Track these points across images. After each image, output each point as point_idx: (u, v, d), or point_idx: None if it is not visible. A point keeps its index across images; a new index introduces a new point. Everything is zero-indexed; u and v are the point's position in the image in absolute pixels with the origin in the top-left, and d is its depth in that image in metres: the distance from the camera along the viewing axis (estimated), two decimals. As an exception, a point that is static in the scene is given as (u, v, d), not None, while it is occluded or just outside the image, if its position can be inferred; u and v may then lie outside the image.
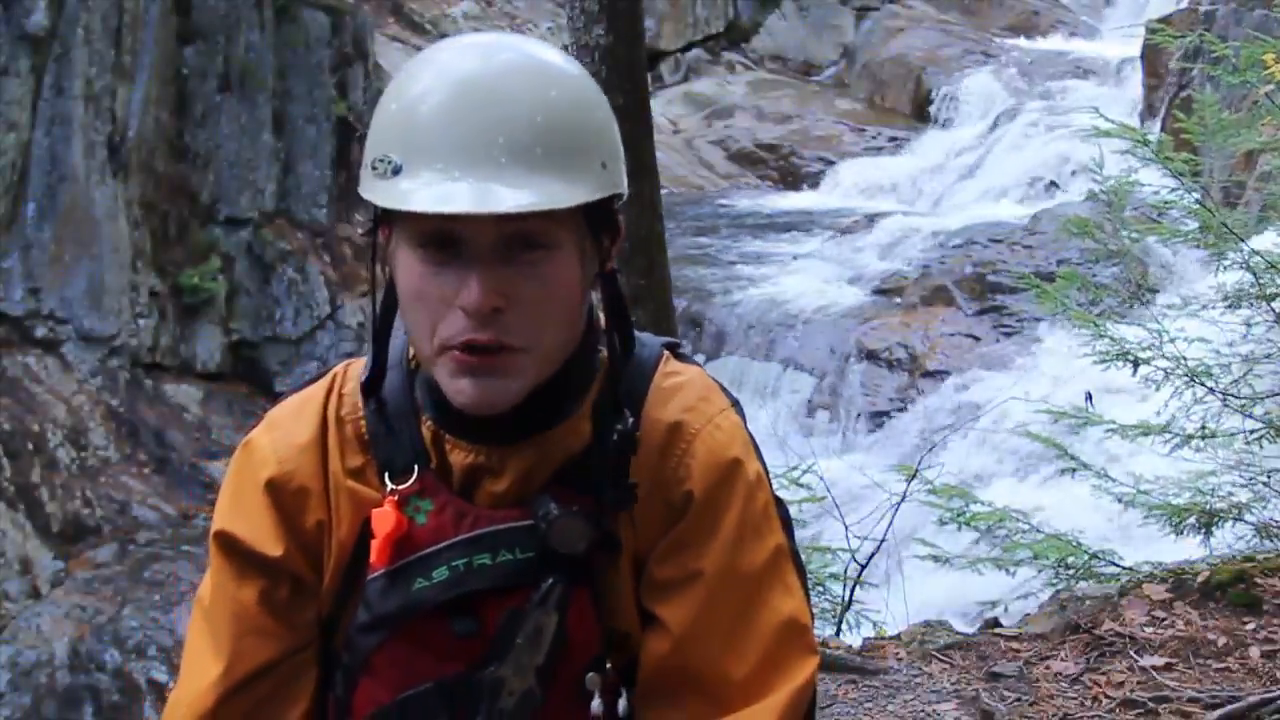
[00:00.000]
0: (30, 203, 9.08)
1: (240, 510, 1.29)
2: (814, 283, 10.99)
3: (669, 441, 1.25)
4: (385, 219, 1.20)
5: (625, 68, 3.85)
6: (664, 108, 15.60)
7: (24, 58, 9.00)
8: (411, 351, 1.28)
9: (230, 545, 1.29)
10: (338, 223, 10.87)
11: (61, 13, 9.16)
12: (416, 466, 1.24)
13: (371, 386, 1.28)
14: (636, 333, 1.33)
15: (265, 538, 1.27)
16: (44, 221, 9.16)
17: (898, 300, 10.50)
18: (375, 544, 1.21)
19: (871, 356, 9.84)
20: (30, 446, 8.65)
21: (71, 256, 9.25)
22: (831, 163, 14.92)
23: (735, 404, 1.32)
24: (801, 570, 1.31)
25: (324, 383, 1.33)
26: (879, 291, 10.72)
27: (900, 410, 9.35)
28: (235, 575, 1.28)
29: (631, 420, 1.23)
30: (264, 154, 10.41)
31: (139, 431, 9.33)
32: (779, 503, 1.32)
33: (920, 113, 15.84)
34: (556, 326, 1.19)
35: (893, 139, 15.30)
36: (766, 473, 1.32)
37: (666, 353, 1.33)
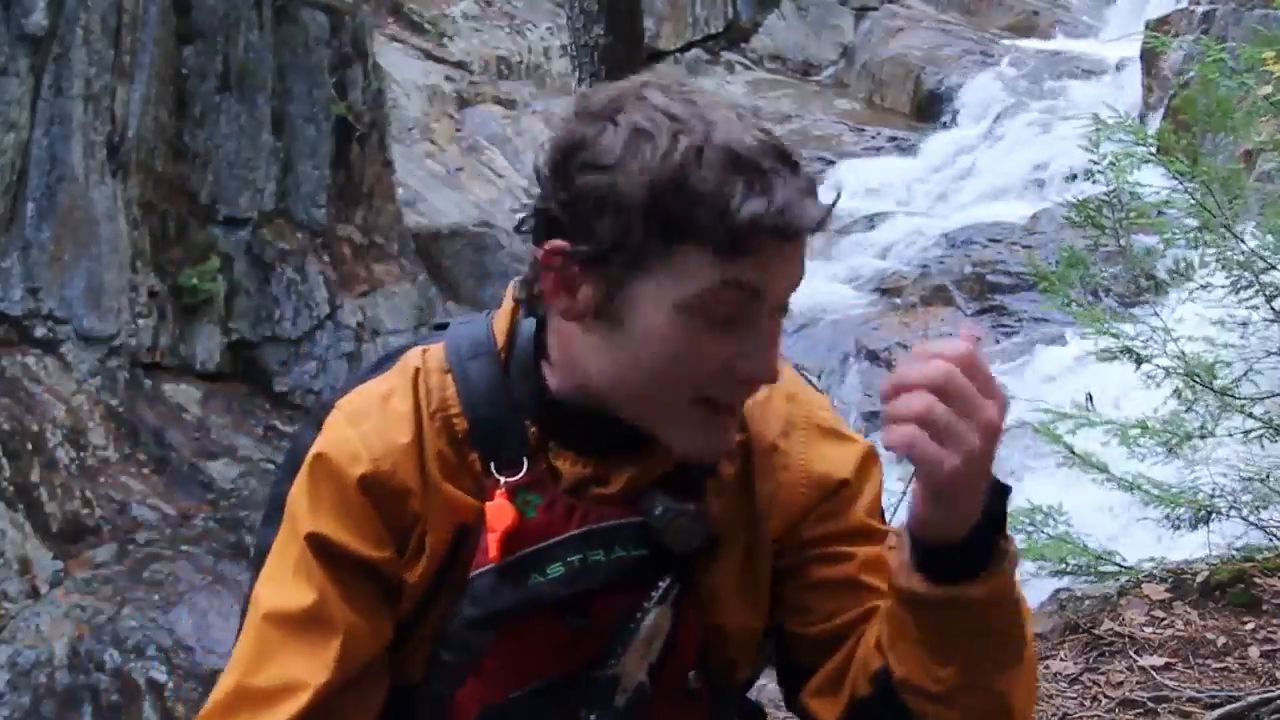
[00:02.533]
0: (29, 202, 9.08)
1: (330, 511, 1.22)
2: (814, 283, 10.98)
3: (789, 427, 1.28)
4: (614, 261, 1.13)
5: (625, 67, 3.86)
6: (664, 108, 15.57)
7: (23, 57, 8.99)
8: (498, 341, 1.24)
9: (325, 548, 1.22)
10: (337, 222, 10.86)
11: (61, 13, 9.15)
12: (525, 459, 1.21)
13: (465, 381, 1.24)
14: None
15: (359, 537, 1.22)
16: (43, 221, 9.15)
17: (897, 300, 10.50)
18: (492, 538, 1.18)
19: (871, 356, 9.84)
20: (29, 446, 8.64)
21: (70, 256, 9.24)
22: (831, 163, 14.92)
23: (813, 384, 1.39)
24: None
25: (406, 375, 1.27)
26: (879, 291, 10.72)
27: (900, 410, 9.34)
28: (334, 578, 1.21)
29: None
30: (263, 154, 10.41)
31: (138, 431, 9.32)
32: None
33: (920, 113, 15.83)
34: None
35: (892, 139, 15.29)
36: None
37: None
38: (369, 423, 1.25)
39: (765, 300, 1.15)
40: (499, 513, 1.19)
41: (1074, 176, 11.93)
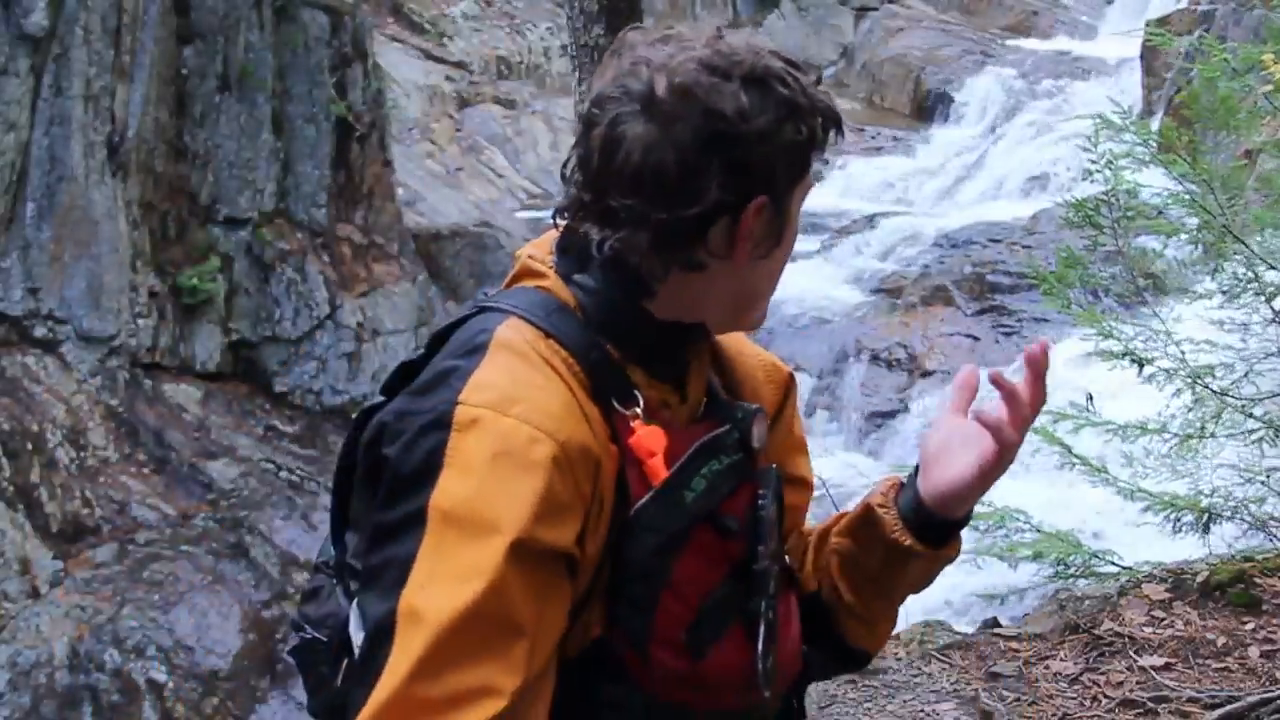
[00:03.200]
0: (29, 203, 9.08)
1: (523, 507, 1.17)
2: (814, 283, 11.00)
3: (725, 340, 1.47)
4: (775, 191, 1.33)
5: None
6: (663, 108, 15.58)
7: (23, 58, 9.00)
8: (572, 305, 1.32)
9: (525, 550, 1.17)
10: (337, 222, 10.87)
11: (60, 13, 9.15)
12: (636, 393, 1.29)
13: (565, 338, 1.29)
14: None
15: (557, 527, 1.19)
16: (43, 221, 9.16)
17: (897, 300, 10.51)
18: (655, 462, 1.25)
19: (871, 356, 9.84)
20: (29, 446, 8.65)
21: (70, 256, 9.24)
22: (831, 162, 14.93)
23: None
24: None
25: (509, 352, 1.25)
26: (879, 291, 10.73)
27: (900, 410, 9.36)
28: (526, 580, 1.17)
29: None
30: (263, 154, 10.42)
31: (138, 431, 9.33)
32: None
33: (920, 113, 15.85)
34: None
35: (892, 139, 15.30)
36: None
37: None
38: (523, 404, 1.21)
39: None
40: (652, 437, 1.26)
41: (1074, 177, 11.94)
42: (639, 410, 1.27)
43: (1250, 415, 3.96)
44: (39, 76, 9.10)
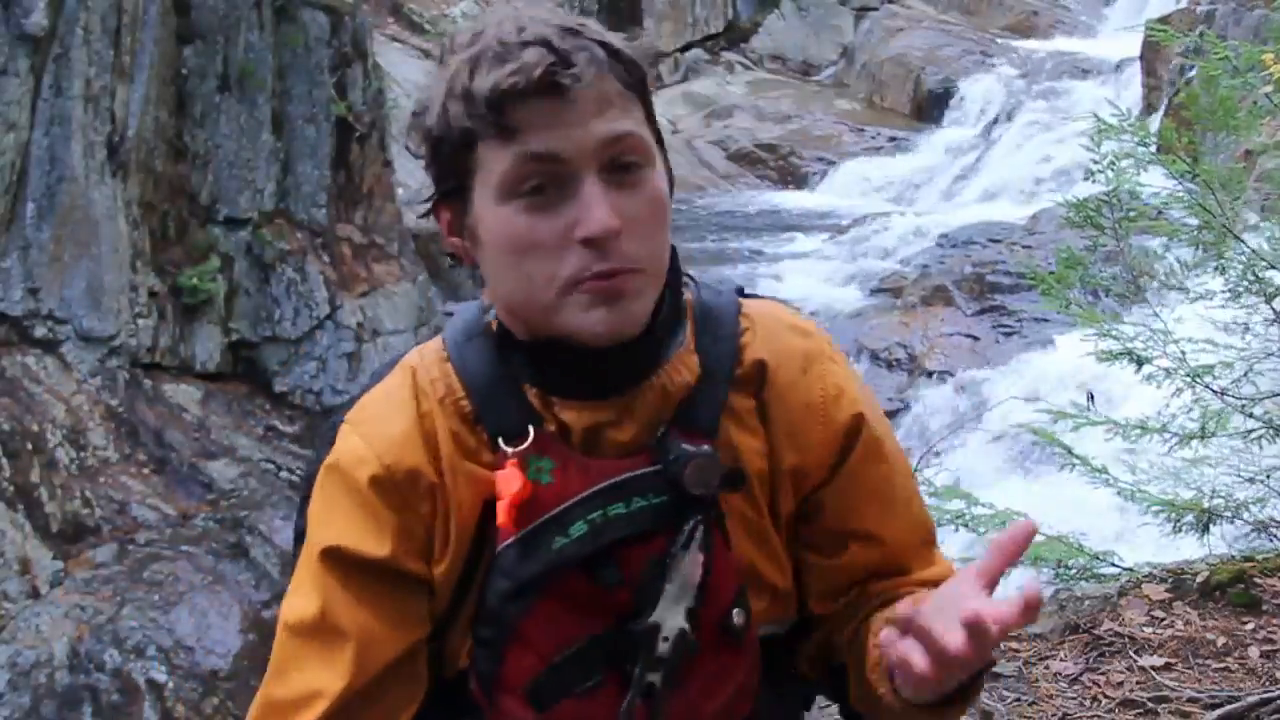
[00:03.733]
0: (29, 203, 9.08)
1: (340, 519, 1.25)
2: (814, 283, 11.00)
3: (808, 362, 1.30)
4: (455, 193, 1.22)
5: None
6: (663, 108, 15.59)
7: (23, 58, 9.00)
8: (491, 319, 1.27)
9: (337, 557, 1.24)
10: (337, 222, 10.86)
11: (60, 13, 9.15)
12: (530, 427, 1.22)
13: (462, 365, 1.27)
14: (705, 281, 1.38)
15: (372, 539, 1.23)
16: (43, 221, 9.15)
17: (897, 300, 10.51)
18: (502, 505, 1.19)
19: (871, 356, 9.84)
20: (29, 446, 8.65)
21: (70, 256, 9.24)
22: (831, 162, 14.94)
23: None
24: None
25: (403, 372, 1.30)
26: (879, 291, 10.73)
27: (900, 410, 9.36)
28: (344, 586, 1.23)
29: (732, 353, 1.28)
30: (263, 154, 10.41)
31: (138, 431, 9.33)
32: None
33: (920, 113, 15.85)
34: (663, 244, 1.22)
35: (892, 139, 15.31)
36: None
37: (739, 297, 1.37)
38: (369, 425, 1.27)
39: (570, 162, 1.15)
40: (506, 481, 1.20)
41: (1075, 177, 11.94)
42: (510, 450, 1.21)
43: (1250, 415, 3.96)
44: (39, 76, 9.10)
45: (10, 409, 8.67)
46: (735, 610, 1.25)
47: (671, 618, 1.20)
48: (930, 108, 15.77)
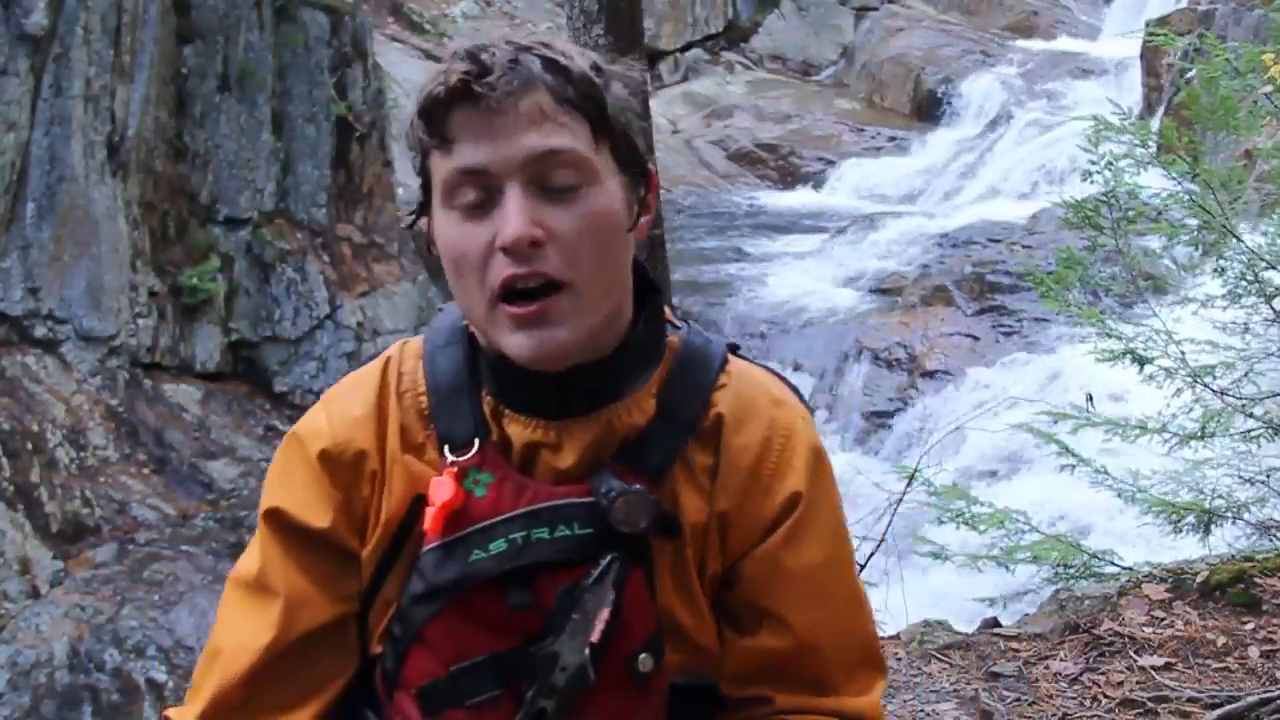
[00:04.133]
0: (29, 202, 9.08)
1: (290, 485, 1.31)
2: (814, 283, 11.00)
3: (769, 437, 1.27)
4: (426, 203, 1.25)
5: (625, 67, 3.85)
6: (663, 108, 15.60)
7: (23, 58, 9.00)
8: (470, 326, 1.29)
9: (279, 520, 1.30)
10: (337, 222, 10.87)
11: (61, 12, 9.15)
12: (477, 440, 1.24)
13: (432, 362, 1.30)
14: (700, 329, 1.35)
15: (315, 510, 1.28)
16: (43, 221, 9.16)
17: (897, 300, 10.51)
18: (430, 512, 1.22)
19: (871, 356, 9.84)
20: (29, 446, 8.65)
21: (71, 256, 9.24)
22: (831, 162, 14.93)
23: (800, 397, 1.36)
24: None
25: (380, 361, 1.34)
26: (879, 291, 10.73)
27: (900, 410, 9.36)
28: (283, 548, 1.29)
29: (700, 405, 1.26)
30: (263, 154, 10.42)
31: (138, 431, 9.33)
32: None
33: (920, 112, 15.85)
34: (602, 265, 1.20)
35: (892, 139, 15.30)
36: None
37: (728, 353, 1.35)
38: (334, 403, 1.32)
39: (498, 174, 1.17)
40: (440, 488, 1.23)
41: (1074, 176, 11.94)
42: (452, 459, 1.23)
43: (1250, 415, 3.96)
44: (39, 76, 9.10)
45: (10, 409, 8.67)
46: (643, 655, 1.24)
47: (573, 649, 1.21)
48: (930, 108, 15.77)
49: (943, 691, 3.34)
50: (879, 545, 4.82)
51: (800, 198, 14.33)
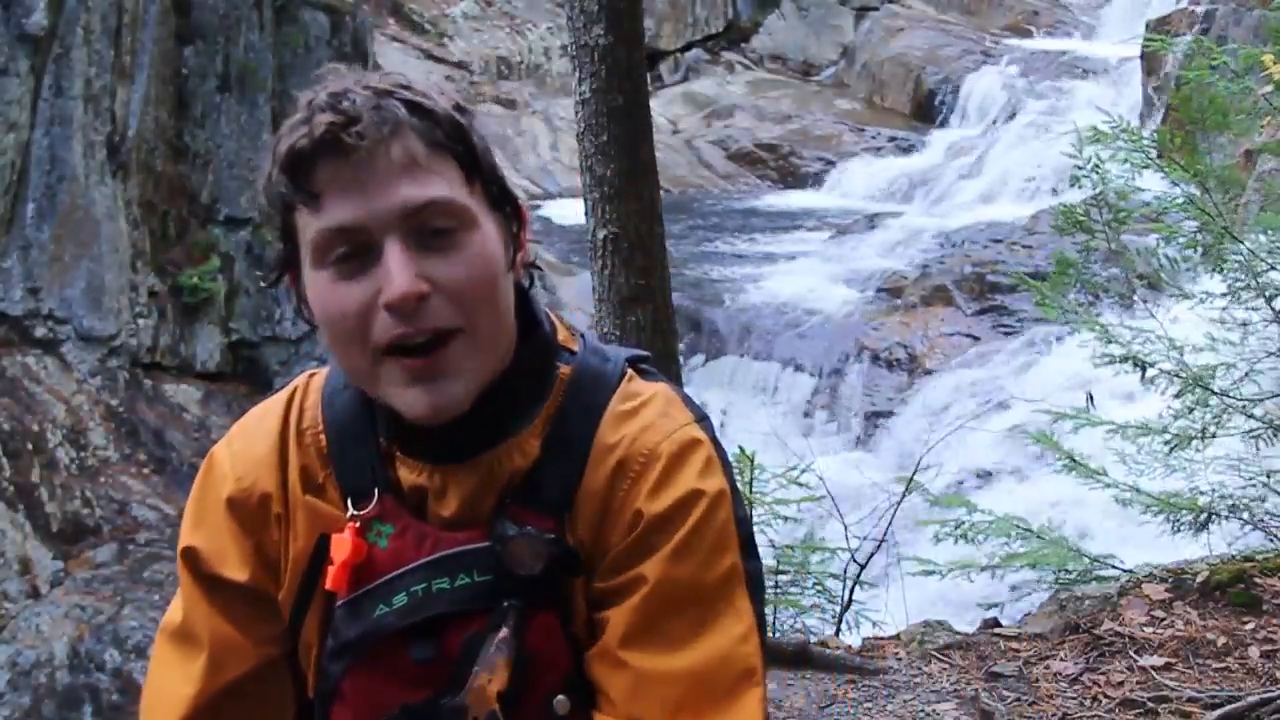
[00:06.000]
0: (30, 203, 9.08)
1: (204, 526, 1.28)
2: (814, 283, 11.00)
3: (623, 462, 1.21)
4: (291, 259, 1.20)
5: (625, 68, 3.85)
6: (664, 108, 15.60)
7: (24, 58, 9.00)
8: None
9: (196, 565, 1.27)
10: (337, 223, 10.87)
11: (61, 13, 9.15)
12: (377, 490, 1.22)
13: (330, 404, 1.27)
14: (601, 345, 1.30)
15: (230, 562, 1.26)
16: (43, 221, 9.16)
17: (898, 300, 10.51)
18: (332, 570, 1.20)
19: (871, 356, 9.84)
20: (30, 446, 8.65)
21: (71, 256, 9.24)
22: (831, 163, 14.93)
23: (701, 419, 1.28)
24: (758, 594, 1.25)
25: (285, 394, 1.32)
26: (879, 291, 10.73)
27: (900, 410, 9.36)
28: (205, 596, 1.27)
29: (590, 436, 1.21)
30: (263, 154, 10.40)
31: (138, 431, 9.33)
32: (741, 523, 1.25)
33: (920, 112, 15.85)
34: (490, 306, 1.16)
35: (892, 139, 15.31)
36: (734, 490, 1.26)
37: (630, 370, 1.28)
38: (239, 441, 1.30)
39: (374, 230, 1.12)
40: (340, 546, 1.20)
41: (1074, 177, 11.93)
42: (354, 513, 1.21)
43: (1250, 415, 3.96)
44: (39, 76, 9.10)
45: (10, 409, 8.67)
46: (559, 697, 1.20)
47: (480, 699, 1.18)
48: (930, 108, 15.77)
49: (943, 691, 3.34)
50: (879, 545, 4.82)
51: (800, 198, 14.33)
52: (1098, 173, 3.89)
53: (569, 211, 12.36)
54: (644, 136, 3.94)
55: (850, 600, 4.71)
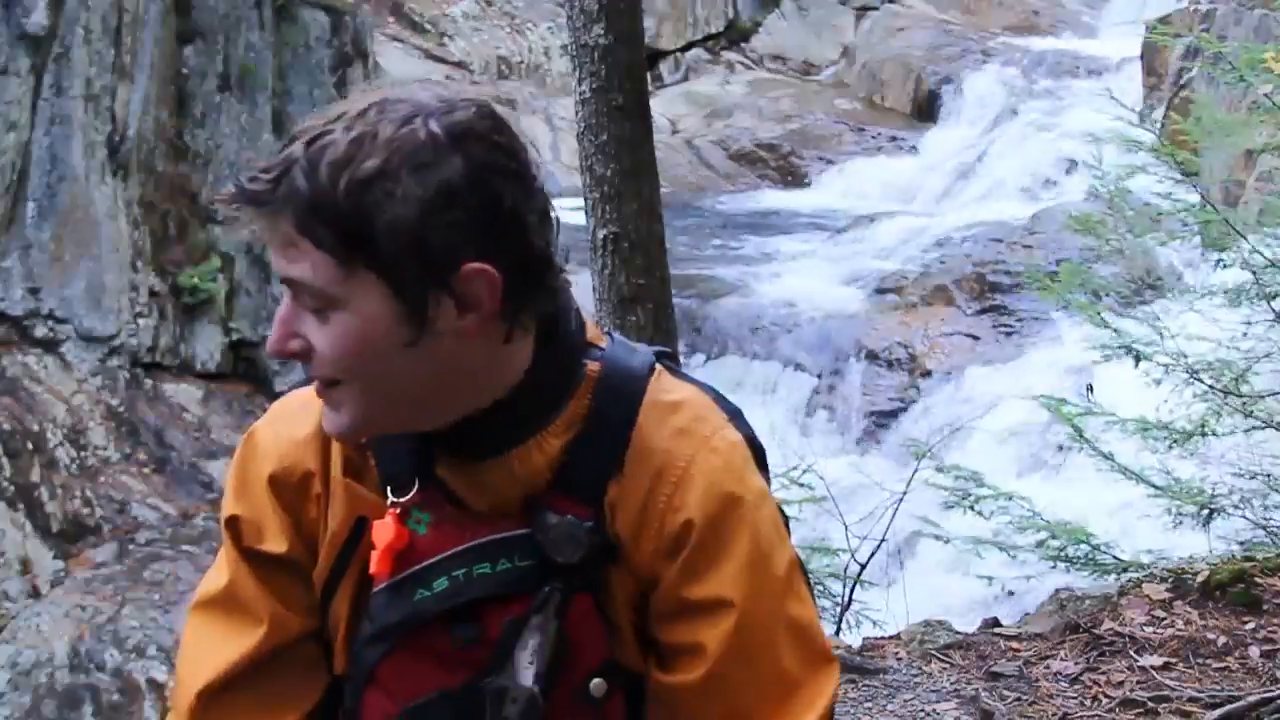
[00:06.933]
0: (30, 202, 9.08)
1: (245, 500, 1.32)
2: (814, 283, 10.99)
3: (662, 470, 1.23)
4: None
5: (625, 68, 3.84)
6: (664, 107, 15.59)
7: (24, 58, 8.99)
8: None
9: (239, 535, 1.31)
10: (337, 222, 10.87)
11: (61, 13, 9.15)
12: (417, 479, 1.25)
13: None
14: (625, 340, 1.32)
15: (271, 535, 1.30)
16: (44, 221, 9.16)
17: (898, 300, 10.50)
18: (375, 554, 1.23)
19: (871, 356, 9.84)
20: (30, 446, 8.65)
21: (71, 256, 9.24)
22: (831, 162, 14.92)
23: (735, 416, 1.30)
24: (807, 576, 1.31)
25: None
26: (879, 291, 10.71)
27: (900, 410, 9.36)
28: (249, 565, 1.31)
29: (624, 434, 1.24)
30: (264, 154, 10.38)
31: (139, 431, 9.33)
32: (782, 512, 1.31)
33: (920, 112, 15.84)
34: (364, 374, 1.17)
35: (893, 139, 15.29)
36: (769, 481, 1.31)
37: (660, 368, 1.30)
38: (283, 422, 1.34)
39: (278, 271, 1.19)
40: (382, 531, 1.23)
41: (1069, 173, 11.93)
42: (394, 500, 1.24)
43: (1251, 414, 3.96)
44: (39, 76, 9.10)
45: (11, 409, 8.67)
46: (595, 680, 1.24)
47: (521, 681, 1.21)
48: (931, 107, 15.75)
49: (943, 691, 3.34)
50: (879, 545, 4.82)
51: (800, 198, 14.31)
52: (1112, 173, 3.89)
53: (569, 212, 12.36)
54: (644, 136, 3.94)
55: (850, 600, 4.72)
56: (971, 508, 4.01)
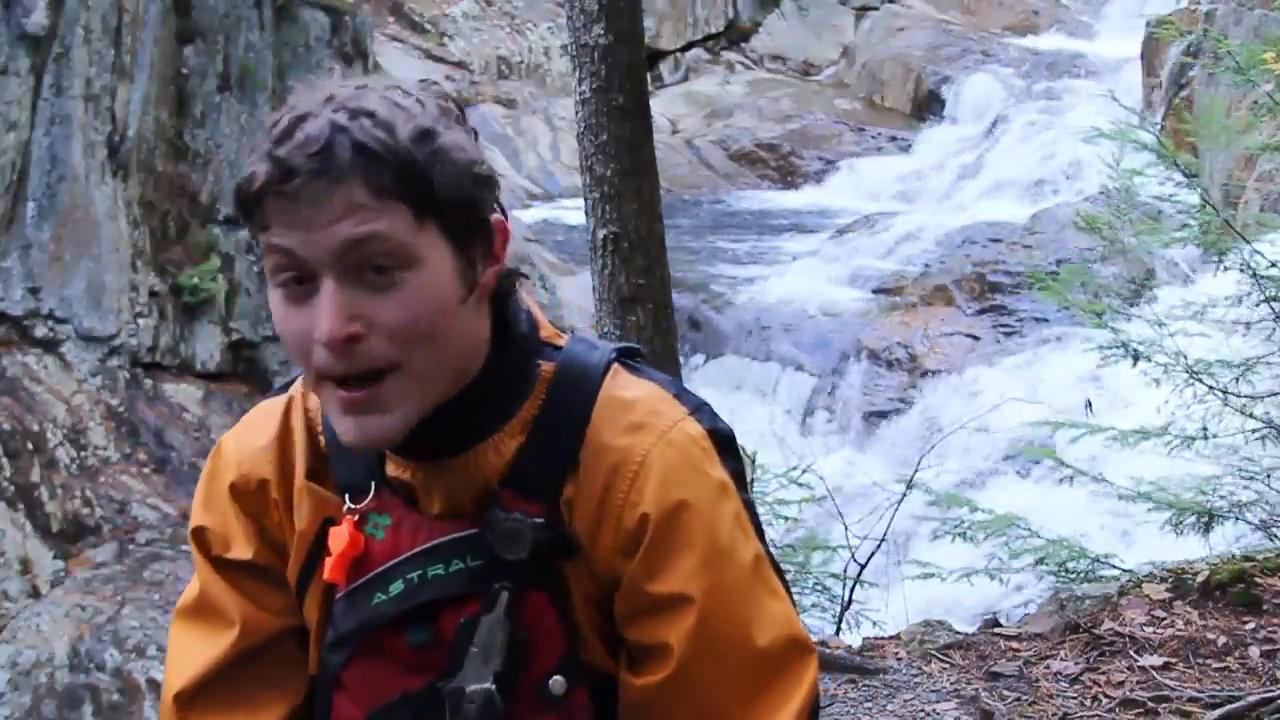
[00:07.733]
0: (30, 202, 9.08)
1: (211, 510, 1.34)
2: (814, 283, 10.99)
3: (618, 466, 1.22)
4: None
5: (625, 68, 3.85)
6: (664, 108, 15.59)
7: (24, 57, 9.00)
8: None
9: (205, 544, 1.33)
10: (337, 222, 10.87)
11: (61, 12, 9.15)
12: (373, 484, 1.26)
13: None
14: (590, 339, 1.32)
15: (236, 542, 1.32)
16: (44, 221, 9.15)
17: (898, 300, 10.50)
18: (329, 561, 1.24)
19: (871, 356, 9.84)
20: (30, 446, 8.65)
21: (71, 256, 9.24)
22: (831, 162, 14.93)
23: (697, 409, 1.28)
24: (779, 569, 1.29)
25: (294, 388, 1.37)
26: (879, 291, 10.72)
27: (900, 410, 9.36)
28: (218, 572, 1.32)
29: (577, 431, 1.23)
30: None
31: (139, 431, 9.33)
32: (749, 506, 1.28)
33: (920, 112, 15.85)
34: (430, 345, 1.15)
35: (892, 138, 15.30)
36: (740, 474, 1.27)
37: (617, 365, 1.28)
38: (246, 431, 1.35)
39: (310, 262, 1.13)
40: (338, 538, 1.24)
41: (1074, 175, 11.93)
42: (355, 507, 1.24)
43: (1251, 415, 3.96)
44: (39, 76, 9.10)
45: (10, 409, 8.67)
46: (555, 678, 1.23)
47: (477, 680, 1.20)
48: (930, 107, 15.77)
49: (943, 691, 3.34)
50: (879, 545, 4.82)
51: (800, 198, 14.32)
52: (1120, 173, 3.89)
53: (569, 211, 12.37)
54: (644, 136, 3.94)
55: (850, 600, 4.72)
56: (963, 536, 4.01)
